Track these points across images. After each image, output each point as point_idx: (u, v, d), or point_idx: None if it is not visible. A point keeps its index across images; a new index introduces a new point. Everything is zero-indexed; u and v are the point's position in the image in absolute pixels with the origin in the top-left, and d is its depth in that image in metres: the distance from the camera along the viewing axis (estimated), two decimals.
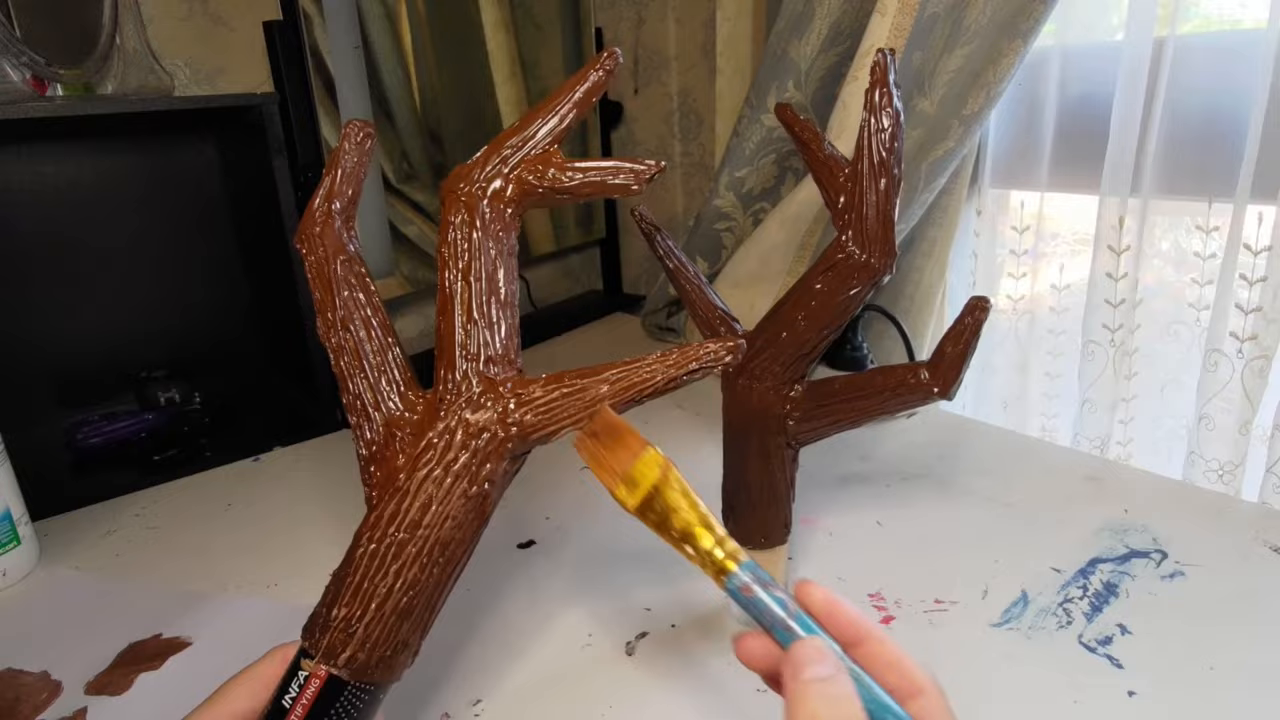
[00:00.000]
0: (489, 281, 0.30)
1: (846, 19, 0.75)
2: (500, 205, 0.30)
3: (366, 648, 0.28)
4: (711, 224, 0.89)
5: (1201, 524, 0.56)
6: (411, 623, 0.29)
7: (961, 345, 0.39)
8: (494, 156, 0.30)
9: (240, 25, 0.81)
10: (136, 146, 0.78)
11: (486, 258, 0.29)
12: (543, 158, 0.30)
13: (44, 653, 0.49)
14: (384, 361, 0.31)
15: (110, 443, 0.76)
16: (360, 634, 0.28)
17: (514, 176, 0.30)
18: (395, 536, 0.28)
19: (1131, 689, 0.42)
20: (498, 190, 0.30)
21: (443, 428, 0.29)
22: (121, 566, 0.58)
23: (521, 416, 0.29)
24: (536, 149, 0.30)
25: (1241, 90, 0.64)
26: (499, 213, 0.30)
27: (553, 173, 0.30)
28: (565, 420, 0.29)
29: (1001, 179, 0.83)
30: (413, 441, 0.29)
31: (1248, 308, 0.66)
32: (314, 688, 0.28)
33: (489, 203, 0.30)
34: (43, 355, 0.77)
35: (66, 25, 0.67)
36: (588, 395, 0.28)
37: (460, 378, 0.29)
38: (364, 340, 0.31)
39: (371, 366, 0.31)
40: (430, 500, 0.28)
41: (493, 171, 0.30)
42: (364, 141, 0.32)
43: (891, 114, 0.38)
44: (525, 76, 0.99)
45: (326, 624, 0.29)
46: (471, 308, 0.29)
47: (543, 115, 0.30)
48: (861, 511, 0.60)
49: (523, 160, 0.30)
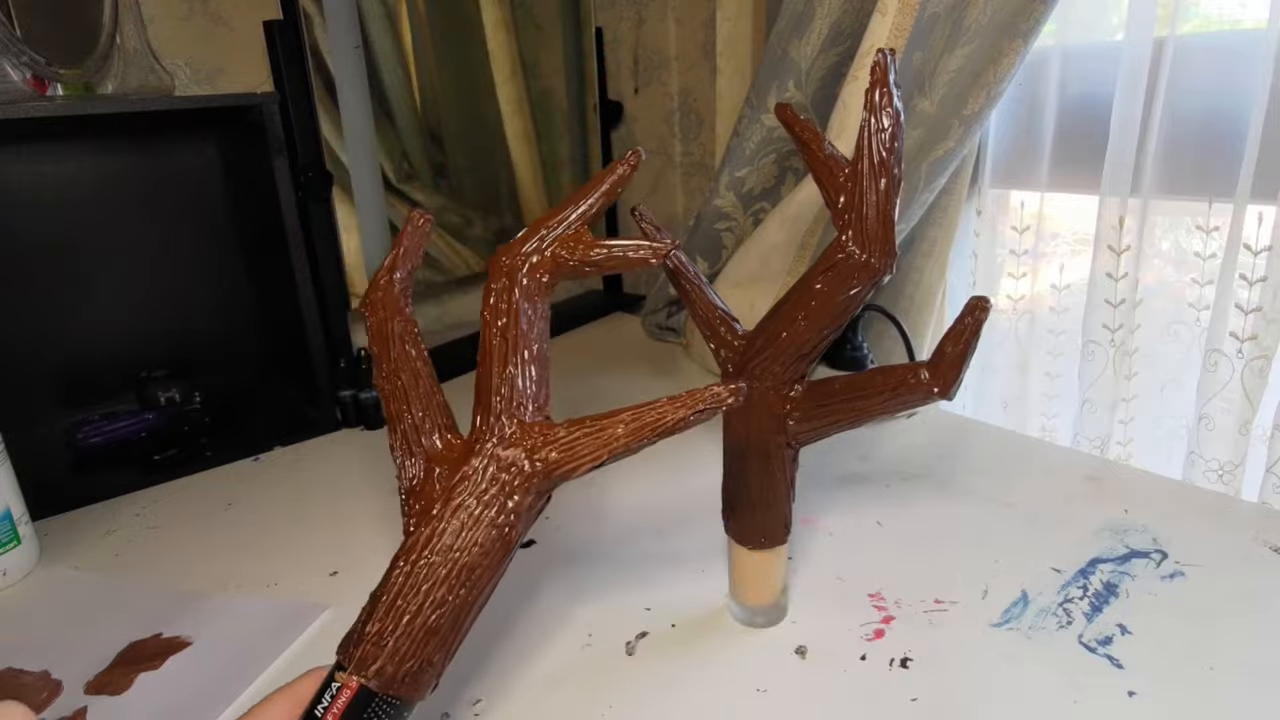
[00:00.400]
0: (523, 338, 0.34)
1: (847, 19, 0.75)
2: (536, 275, 0.35)
3: (395, 660, 0.31)
4: (712, 224, 0.89)
5: (1201, 524, 0.56)
6: (437, 642, 0.32)
7: (962, 345, 0.39)
8: (534, 235, 0.35)
9: (240, 25, 0.81)
10: (137, 146, 0.79)
11: (523, 318, 0.34)
12: (574, 236, 0.35)
13: (44, 652, 0.49)
14: (428, 407, 0.36)
15: (110, 442, 0.76)
16: (390, 647, 0.31)
17: (549, 251, 0.35)
18: (428, 559, 0.32)
19: (1131, 689, 0.42)
20: (535, 263, 0.35)
21: (477, 463, 0.33)
22: (121, 566, 0.58)
23: (547, 454, 0.32)
24: (569, 229, 0.35)
25: (1242, 90, 0.64)
26: (535, 281, 0.35)
27: (582, 249, 0.35)
28: (586, 459, 0.32)
29: (1002, 179, 0.83)
30: (448, 475, 0.33)
31: (1248, 308, 0.66)
32: (345, 698, 0.30)
33: (527, 272, 0.35)
34: (43, 355, 0.77)
35: (67, 25, 0.67)
36: (605, 435, 0.32)
37: (495, 420, 0.33)
38: (411, 388, 0.36)
39: (416, 411, 0.36)
40: (462, 527, 0.32)
41: (532, 248, 0.35)
42: (423, 226, 0.39)
43: (892, 114, 0.38)
44: (526, 76, 0.99)
45: (361, 638, 0.31)
46: (507, 360, 0.34)
47: (575, 203, 0.35)
48: (861, 511, 0.60)
49: (557, 238, 0.35)
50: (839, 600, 0.50)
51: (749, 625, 0.49)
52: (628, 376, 0.89)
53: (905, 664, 0.45)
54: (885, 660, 0.45)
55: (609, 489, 0.65)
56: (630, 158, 0.35)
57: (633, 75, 1.14)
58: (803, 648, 0.46)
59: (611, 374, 0.90)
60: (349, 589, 0.53)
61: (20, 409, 0.76)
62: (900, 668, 0.44)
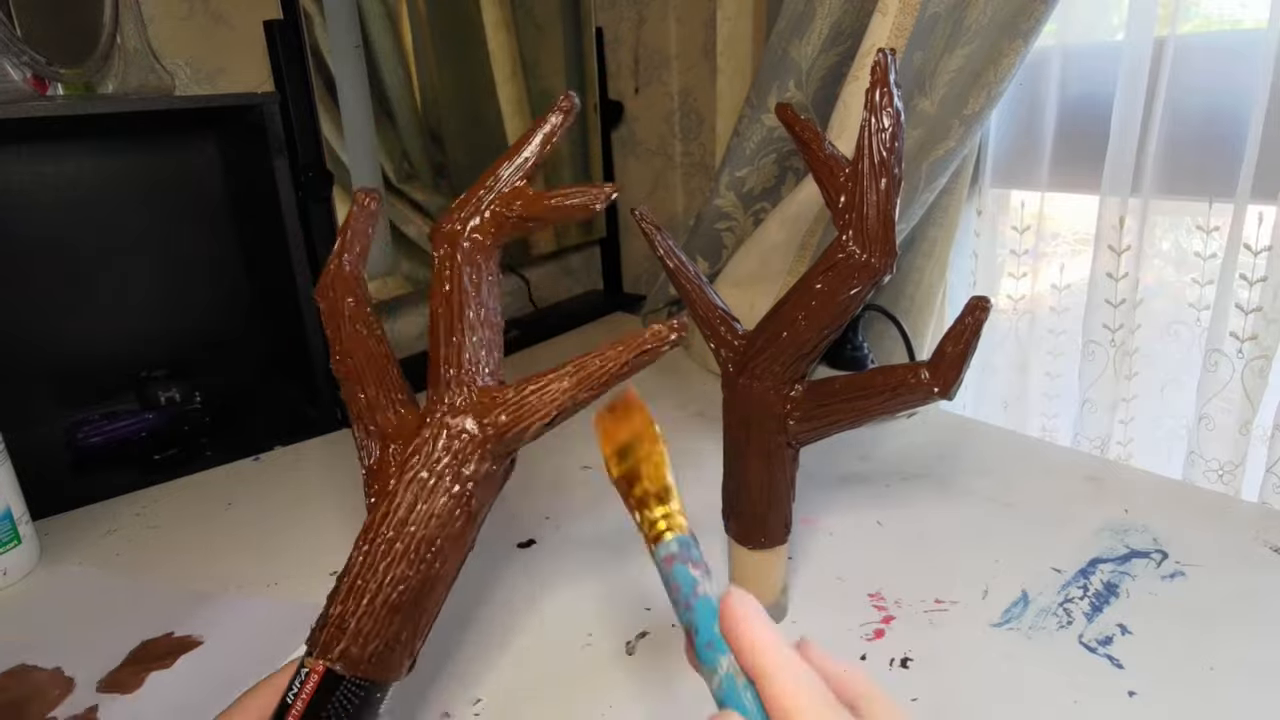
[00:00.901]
0: (468, 304, 0.33)
1: (847, 19, 0.75)
2: (478, 237, 0.34)
3: (359, 641, 0.30)
4: (712, 223, 0.89)
5: (1201, 524, 0.56)
6: (402, 619, 0.31)
7: (962, 345, 0.39)
8: (471, 199, 0.35)
9: (241, 24, 0.81)
10: (137, 146, 0.78)
11: (467, 283, 0.34)
12: (513, 193, 0.34)
13: (48, 651, 0.49)
14: (382, 385, 0.35)
15: (111, 442, 0.76)
16: (353, 628, 0.30)
17: (489, 211, 0.34)
18: (385, 535, 0.31)
19: (1131, 689, 0.42)
20: (476, 225, 0.34)
21: (427, 434, 0.32)
22: (123, 566, 0.58)
23: (496, 418, 0.32)
24: (507, 186, 0.34)
25: (1242, 90, 0.64)
26: (477, 243, 0.34)
27: (521, 204, 0.34)
28: (535, 417, 0.32)
29: (1002, 179, 0.83)
30: (401, 448, 0.33)
31: (1248, 308, 0.66)
32: (312, 683, 0.29)
33: (468, 235, 0.34)
34: (43, 355, 0.77)
35: (67, 24, 0.67)
36: (552, 390, 0.31)
37: (445, 389, 0.33)
38: (365, 368, 0.36)
39: (370, 390, 0.35)
40: (415, 499, 0.31)
41: (470, 212, 0.34)
42: (370, 206, 0.39)
43: (892, 114, 0.38)
44: (526, 76, 0.99)
45: (324, 622, 0.31)
46: (453, 327, 0.33)
47: (510, 158, 0.35)
48: (861, 511, 0.60)
49: (496, 197, 0.34)
50: (839, 600, 0.50)
51: None
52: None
53: (905, 664, 0.45)
54: (885, 660, 0.45)
55: (608, 487, 0.65)
56: (563, 103, 0.35)
57: (633, 75, 1.14)
58: None
59: None
60: None
61: (20, 408, 0.76)
62: (900, 668, 0.44)
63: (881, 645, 0.46)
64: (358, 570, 0.31)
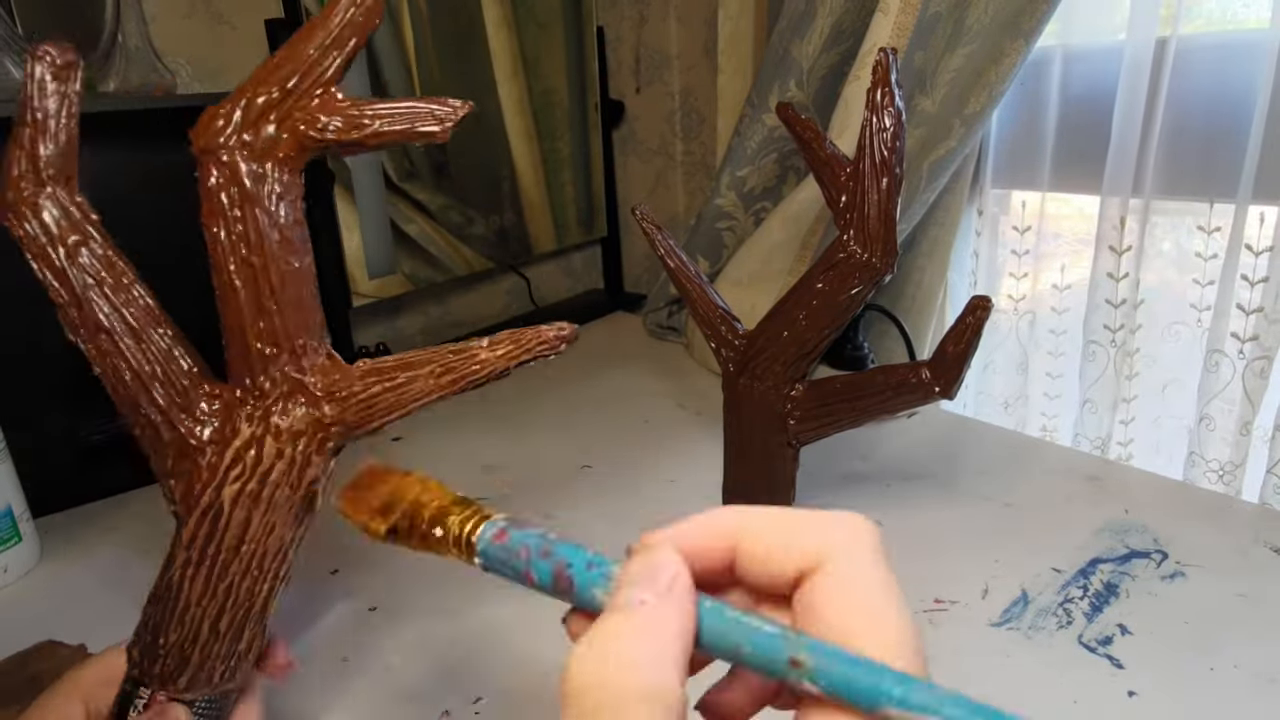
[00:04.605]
0: (275, 262, 0.25)
1: (848, 18, 0.75)
2: (273, 163, 0.25)
3: (206, 667, 0.27)
4: (713, 223, 0.89)
5: (1202, 524, 0.56)
6: (252, 630, 0.28)
7: (963, 345, 0.39)
8: (255, 102, 0.24)
9: (242, 23, 0.81)
10: (138, 145, 0.78)
11: (267, 229, 0.25)
12: (322, 104, 0.25)
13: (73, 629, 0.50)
14: (161, 363, 0.26)
15: (112, 440, 0.76)
16: (196, 658, 0.26)
17: (288, 128, 0.24)
18: (216, 558, 0.26)
19: (1131, 689, 0.42)
20: (268, 144, 0.24)
21: (249, 436, 0.25)
22: (123, 564, 0.58)
23: (340, 415, 0.26)
24: (312, 93, 0.24)
25: (1243, 91, 0.64)
26: (273, 173, 0.25)
27: (336, 122, 0.24)
28: (391, 414, 0.26)
29: (1003, 179, 0.83)
30: (215, 452, 0.26)
31: (1249, 308, 0.66)
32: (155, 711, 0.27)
33: (259, 161, 0.24)
34: (44, 352, 0.77)
35: (68, 23, 0.67)
36: (412, 390, 0.26)
37: (262, 379, 0.26)
38: (130, 343, 0.26)
39: (146, 372, 0.26)
40: (249, 516, 0.26)
41: (255, 123, 0.24)
42: (65, 71, 0.25)
43: (893, 113, 0.38)
44: (527, 75, 0.99)
45: (155, 651, 0.26)
46: (260, 294, 0.25)
47: (313, 47, 0.24)
48: (862, 511, 0.59)
49: (295, 107, 0.24)
50: None
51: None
52: (629, 376, 0.89)
53: None
54: None
55: (608, 487, 0.65)
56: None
57: (634, 74, 1.14)
58: None
59: (612, 374, 0.90)
60: (351, 588, 0.53)
61: (21, 406, 0.76)
62: None
63: None
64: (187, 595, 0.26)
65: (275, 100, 0.24)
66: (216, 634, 0.26)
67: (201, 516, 0.26)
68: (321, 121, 0.24)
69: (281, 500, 0.26)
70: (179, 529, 0.26)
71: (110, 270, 0.26)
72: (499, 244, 1.01)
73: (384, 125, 0.25)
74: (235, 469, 0.25)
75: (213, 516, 0.26)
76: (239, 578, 0.26)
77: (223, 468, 0.25)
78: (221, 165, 0.24)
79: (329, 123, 0.24)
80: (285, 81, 0.24)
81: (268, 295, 0.25)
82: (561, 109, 1.05)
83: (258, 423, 0.25)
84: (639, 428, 0.75)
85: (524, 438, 0.74)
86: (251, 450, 0.25)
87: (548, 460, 0.70)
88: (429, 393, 0.26)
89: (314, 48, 0.24)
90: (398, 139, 0.25)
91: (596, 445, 0.71)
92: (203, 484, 0.26)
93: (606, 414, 0.78)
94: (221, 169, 0.24)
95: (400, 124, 0.25)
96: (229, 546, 0.26)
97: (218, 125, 0.24)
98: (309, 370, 0.26)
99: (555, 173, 1.06)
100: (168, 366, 0.26)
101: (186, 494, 0.26)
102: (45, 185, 0.25)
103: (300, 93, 0.24)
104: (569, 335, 0.26)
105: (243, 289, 0.25)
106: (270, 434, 0.25)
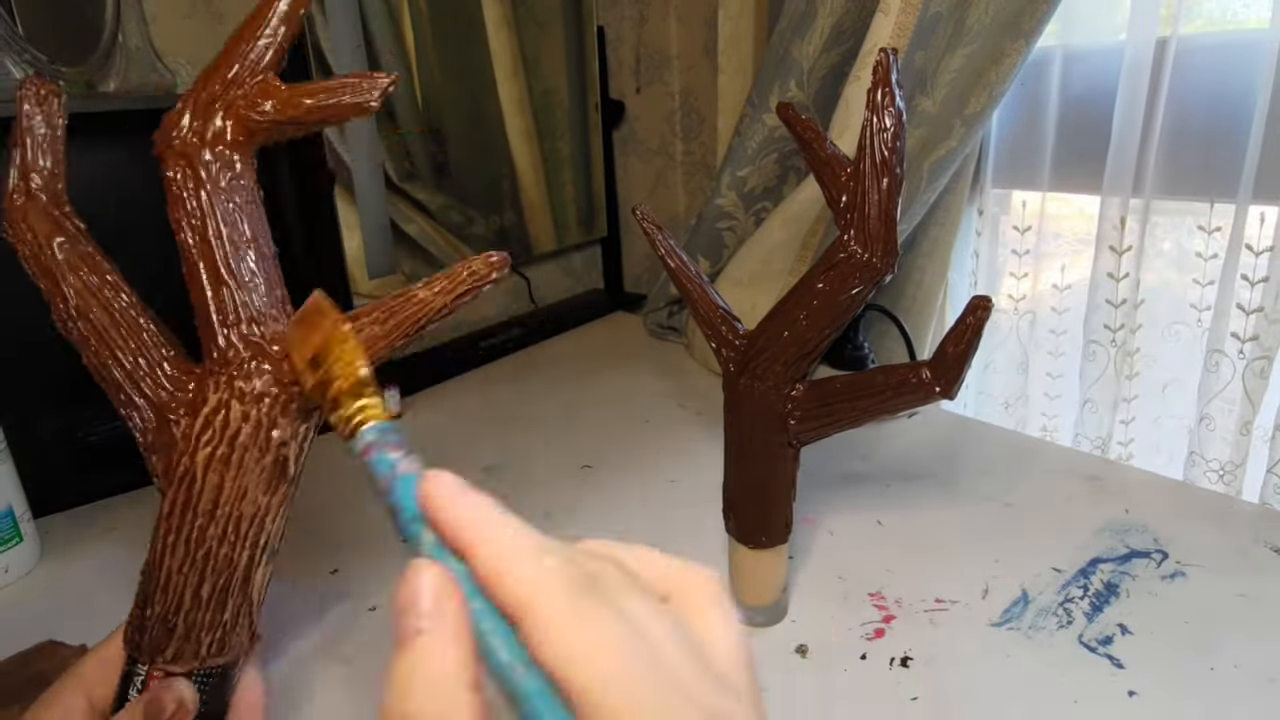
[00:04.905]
0: (232, 238, 0.28)
1: (849, 18, 0.75)
2: (223, 149, 0.27)
3: (192, 637, 0.27)
4: (713, 223, 0.89)
5: (1202, 524, 0.56)
6: (235, 600, 0.28)
7: (963, 345, 0.39)
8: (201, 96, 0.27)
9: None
10: (138, 145, 0.78)
11: (223, 211, 0.27)
12: (260, 89, 0.27)
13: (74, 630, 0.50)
14: (139, 343, 0.29)
15: (112, 440, 0.76)
16: (181, 628, 0.27)
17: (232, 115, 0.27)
18: (193, 523, 0.27)
19: (1131, 689, 0.42)
20: (216, 133, 0.27)
21: (216, 402, 0.27)
22: (124, 564, 0.58)
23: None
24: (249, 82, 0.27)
25: (1244, 91, 0.64)
26: (225, 159, 0.28)
27: (273, 104, 0.27)
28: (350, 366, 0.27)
29: (1003, 179, 0.83)
30: (189, 422, 0.27)
31: (1249, 308, 0.66)
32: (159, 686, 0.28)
33: (210, 150, 0.27)
34: (44, 352, 0.77)
35: (69, 23, 0.67)
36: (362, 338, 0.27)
37: (225, 346, 0.27)
38: (109, 326, 0.29)
39: (125, 351, 0.29)
40: (222, 480, 0.27)
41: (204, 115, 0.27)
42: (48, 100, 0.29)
43: (894, 113, 0.38)
44: (527, 75, 0.99)
45: (143, 624, 0.28)
46: (220, 270, 0.28)
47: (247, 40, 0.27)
48: (862, 511, 0.60)
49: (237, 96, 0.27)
50: (839, 599, 0.50)
51: (749, 624, 0.49)
52: (629, 376, 0.89)
53: (905, 663, 0.45)
54: (885, 660, 0.45)
55: (608, 487, 0.65)
56: None
57: (634, 74, 1.14)
58: (803, 647, 0.46)
59: (612, 374, 0.90)
60: (351, 587, 0.53)
61: (21, 407, 0.76)
62: (900, 667, 0.44)
63: (881, 645, 0.46)
64: (168, 564, 0.27)
65: (218, 92, 0.27)
66: (199, 602, 0.27)
67: (178, 485, 0.27)
68: (260, 105, 0.27)
69: (251, 463, 0.27)
70: (161, 501, 0.28)
71: (90, 265, 0.29)
72: (499, 244, 1.01)
73: (317, 101, 0.27)
74: (205, 434, 0.27)
75: (188, 483, 0.27)
76: (216, 543, 0.27)
77: (194, 434, 0.27)
78: (178, 157, 0.27)
79: (267, 105, 0.27)
80: (226, 74, 0.27)
81: (225, 269, 0.27)
82: (561, 109, 1.05)
83: (223, 388, 0.27)
84: (639, 428, 0.75)
85: (524, 438, 0.74)
86: (220, 414, 0.27)
87: (548, 460, 0.70)
88: (378, 339, 0.27)
89: (247, 40, 0.27)
90: (333, 113, 0.27)
91: (596, 445, 0.71)
92: (179, 453, 0.27)
93: (606, 414, 0.78)
94: (178, 160, 0.27)
95: (331, 98, 0.27)
96: (204, 511, 0.27)
97: (173, 121, 0.28)
98: (269, 336, 0.28)
99: (555, 173, 1.06)
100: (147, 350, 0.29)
101: (166, 467, 0.27)
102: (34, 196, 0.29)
103: (239, 81, 0.27)
104: (498, 262, 0.27)
105: (203, 266, 0.27)
106: (235, 397, 0.27)
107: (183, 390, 0.28)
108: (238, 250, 0.28)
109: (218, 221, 0.27)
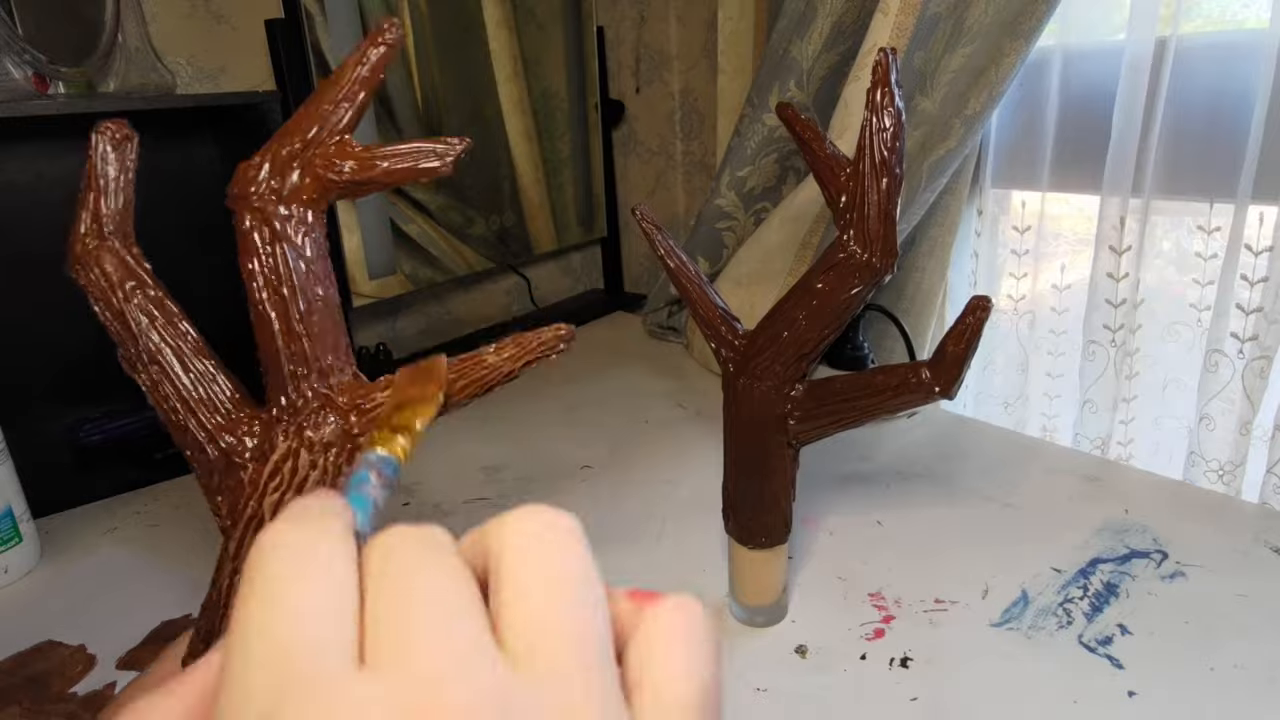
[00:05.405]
0: (302, 292, 0.29)
1: (848, 18, 0.75)
2: (298, 206, 0.28)
3: None
4: (713, 223, 0.89)
5: (1202, 524, 0.56)
6: None
7: (963, 345, 0.39)
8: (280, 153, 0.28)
9: (242, 23, 0.81)
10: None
11: (296, 266, 0.28)
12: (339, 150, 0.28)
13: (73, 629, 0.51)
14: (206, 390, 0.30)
15: (111, 440, 0.76)
16: None
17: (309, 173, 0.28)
18: None
19: (1131, 689, 0.42)
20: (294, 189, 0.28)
21: (285, 449, 0.28)
22: (123, 564, 0.58)
23: (365, 426, 0.28)
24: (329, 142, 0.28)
25: (1243, 90, 0.64)
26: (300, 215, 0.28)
27: (350, 165, 0.28)
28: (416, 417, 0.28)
29: (1003, 179, 0.83)
30: (256, 468, 0.28)
31: (1249, 308, 0.66)
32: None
33: (286, 205, 0.28)
34: (44, 353, 0.77)
35: (68, 23, 0.67)
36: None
37: (294, 396, 0.29)
38: (180, 373, 0.30)
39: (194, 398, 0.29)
40: None
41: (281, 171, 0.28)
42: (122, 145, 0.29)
43: (893, 113, 0.38)
44: (527, 75, 0.99)
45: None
46: (292, 324, 0.29)
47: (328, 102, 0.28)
48: (861, 511, 0.60)
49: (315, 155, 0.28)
50: (839, 600, 0.50)
51: (749, 625, 0.49)
52: (629, 376, 0.89)
53: (905, 664, 0.45)
54: (885, 660, 0.45)
55: (608, 486, 0.65)
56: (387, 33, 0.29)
57: (634, 74, 1.14)
58: (803, 647, 0.46)
59: (612, 374, 0.90)
60: None
61: (21, 407, 0.76)
62: (900, 667, 0.44)
63: (881, 645, 0.46)
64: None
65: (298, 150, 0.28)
66: None
67: (245, 527, 0.28)
68: (338, 165, 0.28)
69: None
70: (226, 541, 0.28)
71: (161, 310, 0.30)
72: (499, 244, 1.01)
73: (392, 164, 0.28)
74: (274, 480, 0.28)
75: (256, 526, 0.28)
76: None
77: (263, 480, 0.28)
78: (254, 210, 0.28)
79: (344, 165, 0.28)
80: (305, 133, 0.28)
81: (297, 321, 0.28)
82: (561, 109, 1.05)
83: (292, 436, 0.28)
84: (639, 428, 0.75)
85: (524, 438, 0.74)
86: (288, 462, 0.28)
87: (548, 460, 0.70)
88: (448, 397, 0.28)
89: (328, 102, 0.28)
90: (406, 176, 0.28)
91: (596, 445, 0.71)
92: (245, 497, 0.28)
93: (606, 414, 0.78)
94: (254, 213, 0.28)
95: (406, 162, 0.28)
96: None
97: (250, 175, 0.28)
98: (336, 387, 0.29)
99: (555, 173, 1.06)
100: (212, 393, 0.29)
101: (233, 508, 0.28)
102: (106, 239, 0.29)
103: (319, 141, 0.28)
104: (566, 335, 0.28)
105: (275, 318, 0.28)
106: (304, 446, 0.28)
107: (249, 435, 0.29)
108: (310, 305, 0.28)
109: (290, 273, 0.28)
